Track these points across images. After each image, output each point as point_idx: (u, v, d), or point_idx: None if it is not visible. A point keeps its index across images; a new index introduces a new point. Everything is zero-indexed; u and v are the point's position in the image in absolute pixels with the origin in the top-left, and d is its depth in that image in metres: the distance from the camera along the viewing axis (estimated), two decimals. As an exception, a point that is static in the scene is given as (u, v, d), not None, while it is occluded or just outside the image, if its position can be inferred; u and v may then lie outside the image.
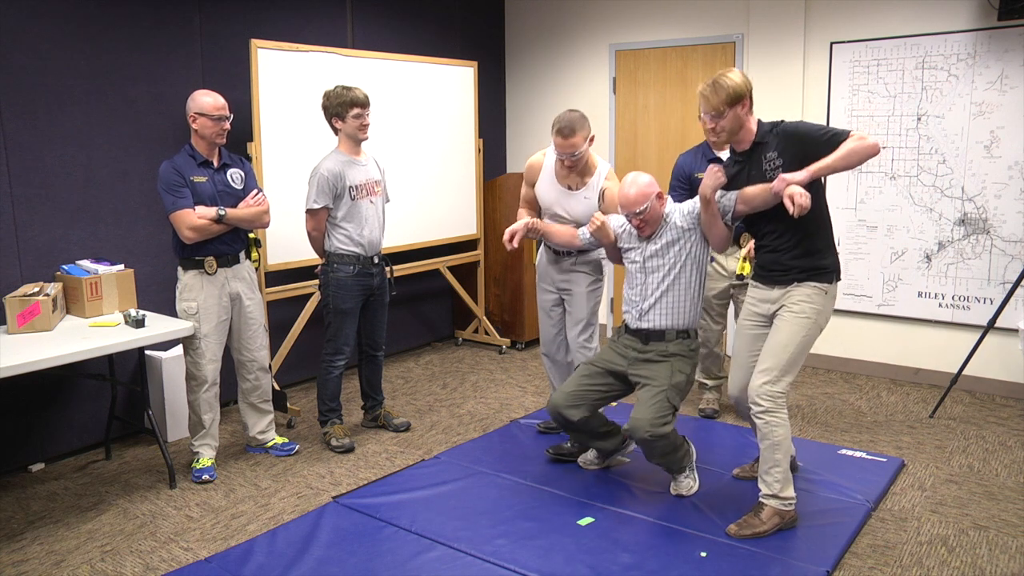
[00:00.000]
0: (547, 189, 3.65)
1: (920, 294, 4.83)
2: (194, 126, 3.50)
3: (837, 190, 5.00)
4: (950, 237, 4.69)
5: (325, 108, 3.81)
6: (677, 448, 3.21)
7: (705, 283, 3.33)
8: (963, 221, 4.64)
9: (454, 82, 5.39)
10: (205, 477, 3.60)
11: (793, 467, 3.33)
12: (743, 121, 2.91)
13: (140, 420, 4.02)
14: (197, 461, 3.67)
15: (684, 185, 3.96)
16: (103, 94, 3.89)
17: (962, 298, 4.70)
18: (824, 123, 3.42)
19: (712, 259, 3.99)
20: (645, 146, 5.78)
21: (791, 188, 2.74)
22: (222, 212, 3.50)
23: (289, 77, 4.34)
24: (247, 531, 3.17)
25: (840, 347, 5.15)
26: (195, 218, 3.43)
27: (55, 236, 3.76)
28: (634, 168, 5.81)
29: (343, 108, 3.75)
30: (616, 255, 3.45)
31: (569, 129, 3.41)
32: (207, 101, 3.47)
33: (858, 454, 3.77)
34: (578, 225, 3.57)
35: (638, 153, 5.82)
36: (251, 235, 3.80)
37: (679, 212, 3.26)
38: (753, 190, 2.95)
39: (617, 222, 3.39)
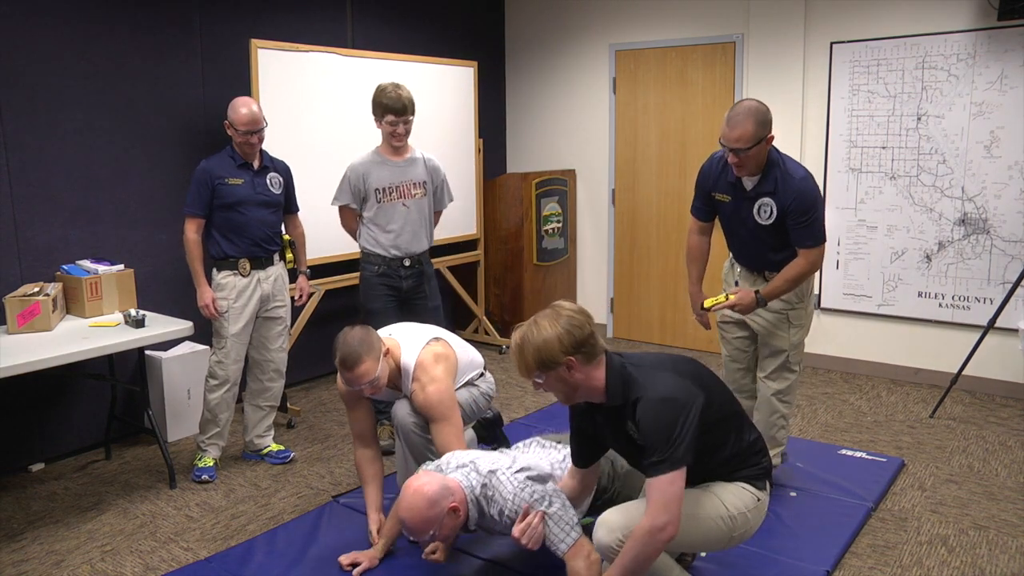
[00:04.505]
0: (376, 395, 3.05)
1: (920, 294, 4.83)
2: (228, 132, 3.55)
3: (837, 190, 5.00)
4: (950, 237, 4.69)
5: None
6: None
7: None
8: (963, 221, 4.64)
9: (454, 82, 5.39)
10: (205, 477, 3.60)
11: None
12: (575, 382, 2.21)
13: (140, 420, 4.01)
14: (200, 459, 3.67)
15: (703, 204, 3.23)
16: (103, 94, 3.89)
17: (962, 298, 4.70)
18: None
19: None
20: (645, 146, 5.78)
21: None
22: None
23: (289, 77, 4.34)
24: (247, 531, 3.16)
25: (840, 347, 5.15)
26: (192, 232, 3.52)
27: (55, 236, 3.76)
28: (633, 167, 5.84)
29: (378, 111, 3.68)
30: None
31: (353, 359, 2.70)
32: (241, 113, 3.49)
33: (858, 454, 3.77)
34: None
35: (638, 153, 5.82)
36: (285, 237, 3.83)
37: (512, 513, 2.46)
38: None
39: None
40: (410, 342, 2.97)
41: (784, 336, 3.19)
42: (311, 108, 4.49)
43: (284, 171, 3.76)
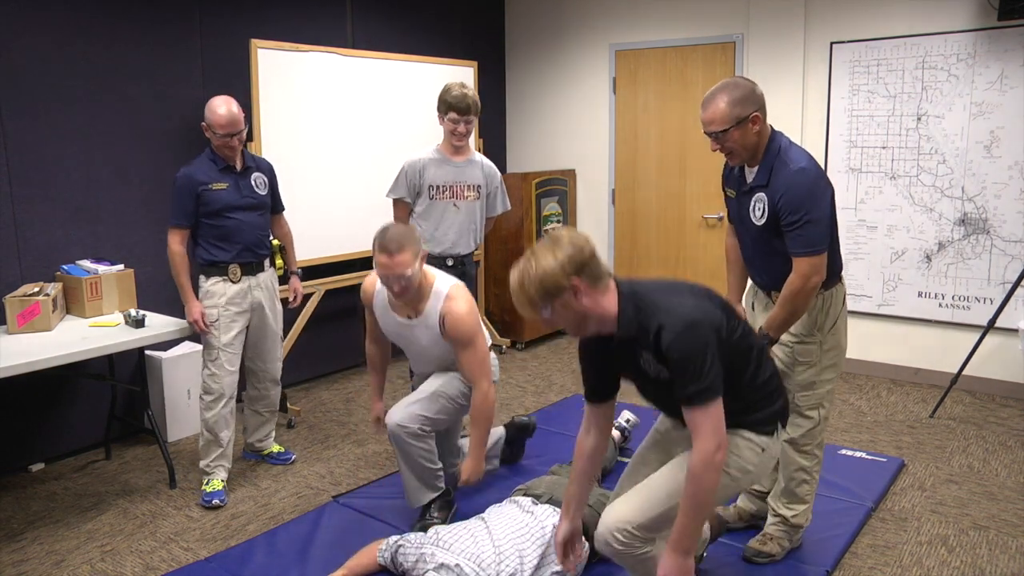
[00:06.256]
0: (385, 321, 3.10)
1: (920, 294, 4.83)
2: (206, 134, 3.36)
3: (837, 190, 4.95)
4: (950, 237, 4.69)
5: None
6: None
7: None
8: (963, 221, 4.64)
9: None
10: (216, 502, 3.36)
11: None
12: (583, 309, 2.05)
13: (140, 420, 4.01)
14: (208, 483, 3.44)
15: (727, 202, 2.91)
16: (103, 94, 3.89)
17: (962, 298, 4.70)
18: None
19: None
20: (645, 146, 5.78)
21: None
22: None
23: (289, 77, 4.34)
24: (247, 531, 3.17)
25: (840, 347, 5.14)
26: (177, 244, 3.35)
27: (55, 236, 3.76)
28: (633, 167, 5.84)
29: (442, 107, 3.61)
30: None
31: (396, 244, 2.73)
32: (219, 114, 3.28)
33: (858, 454, 3.77)
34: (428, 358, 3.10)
35: (638, 153, 5.82)
36: (275, 242, 3.74)
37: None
38: None
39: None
40: (444, 276, 3.04)
41: (789, 374, 2.70)
42: (311, 108, 4.49)
43: (268, 170, 3.60)
